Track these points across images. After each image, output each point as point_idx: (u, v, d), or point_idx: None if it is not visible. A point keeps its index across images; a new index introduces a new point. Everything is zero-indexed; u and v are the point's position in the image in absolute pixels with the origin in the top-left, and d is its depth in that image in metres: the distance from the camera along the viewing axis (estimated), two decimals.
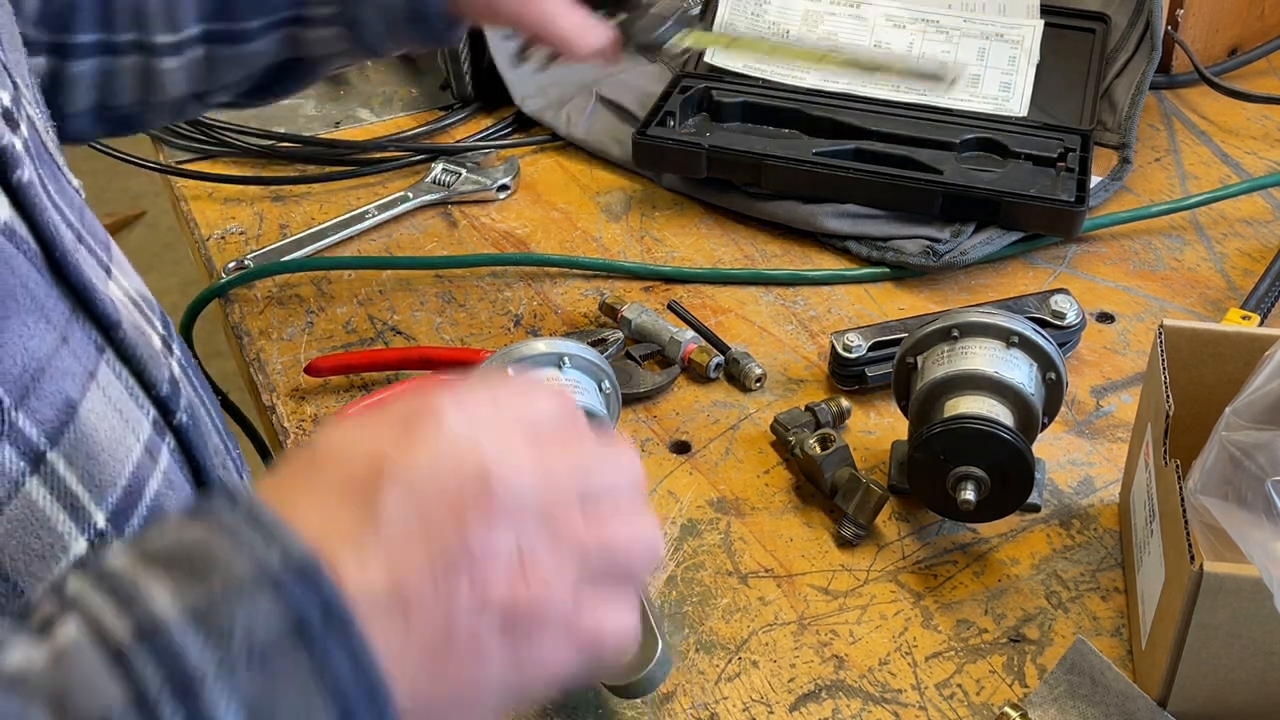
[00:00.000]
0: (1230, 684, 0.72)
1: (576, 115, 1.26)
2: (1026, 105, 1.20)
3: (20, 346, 0.53)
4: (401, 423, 0.46)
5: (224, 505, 0.44)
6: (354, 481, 0.44)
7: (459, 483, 0.44)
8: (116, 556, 0.42)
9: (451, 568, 0.43)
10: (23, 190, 0.56)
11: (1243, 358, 0.78)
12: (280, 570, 0.41)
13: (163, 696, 0.39)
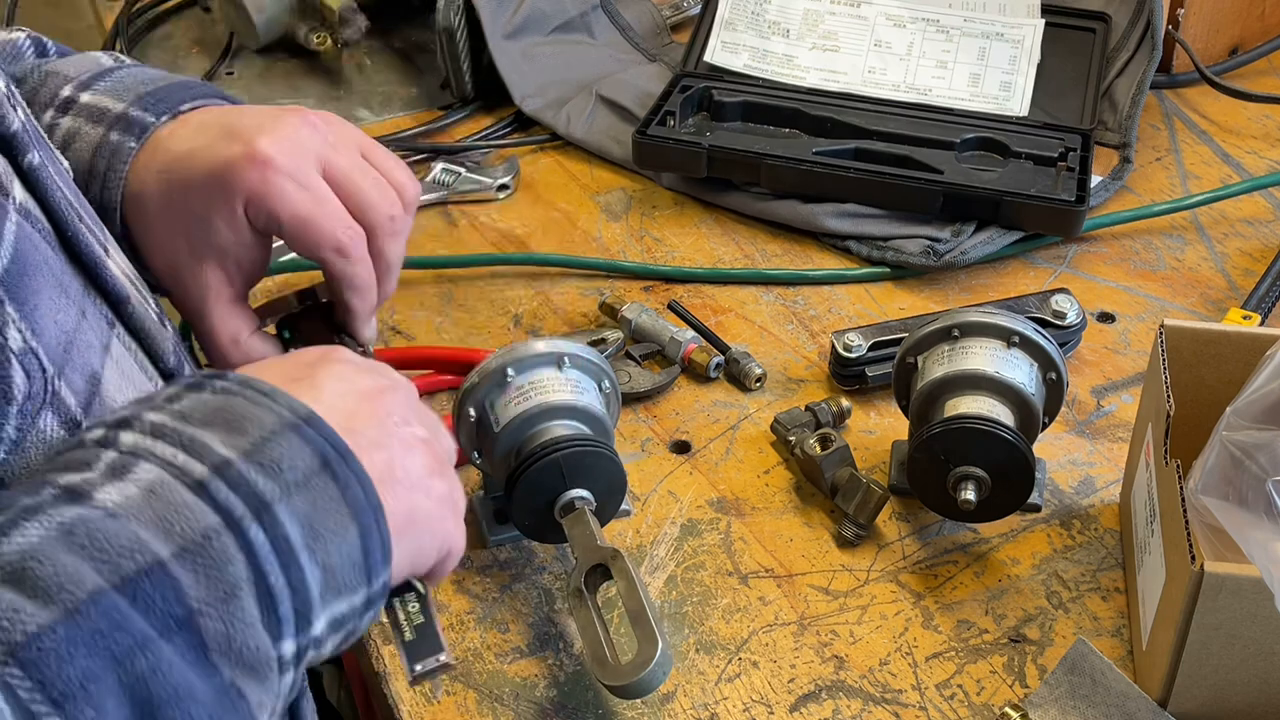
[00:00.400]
0: (1231, 684, 0.72)
1: (576, 115, 1.26)
2: (1027, 105, 1.20)
3: (52, 319, 0.55)
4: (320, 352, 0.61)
5: (217, 378, 0.54)
6: (294, 376, 0.58)
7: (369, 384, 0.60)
8: (154, 415, 0.52)
9: (381, 429, 0.58)
10: (34, 173, 0.58)
11: (1243, 358, 0.78)
12: (294, 420, 0.53)
13: (246, 517, 0.49)
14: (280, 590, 0.50)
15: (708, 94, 1.21)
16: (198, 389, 0.54)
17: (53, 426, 0.55)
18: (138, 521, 0.48)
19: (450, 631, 0.82)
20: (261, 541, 0.49)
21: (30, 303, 0.54)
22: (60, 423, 0.55)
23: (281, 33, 1.38)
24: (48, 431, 0.54)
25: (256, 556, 0.49)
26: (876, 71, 1.24)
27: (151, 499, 0.48)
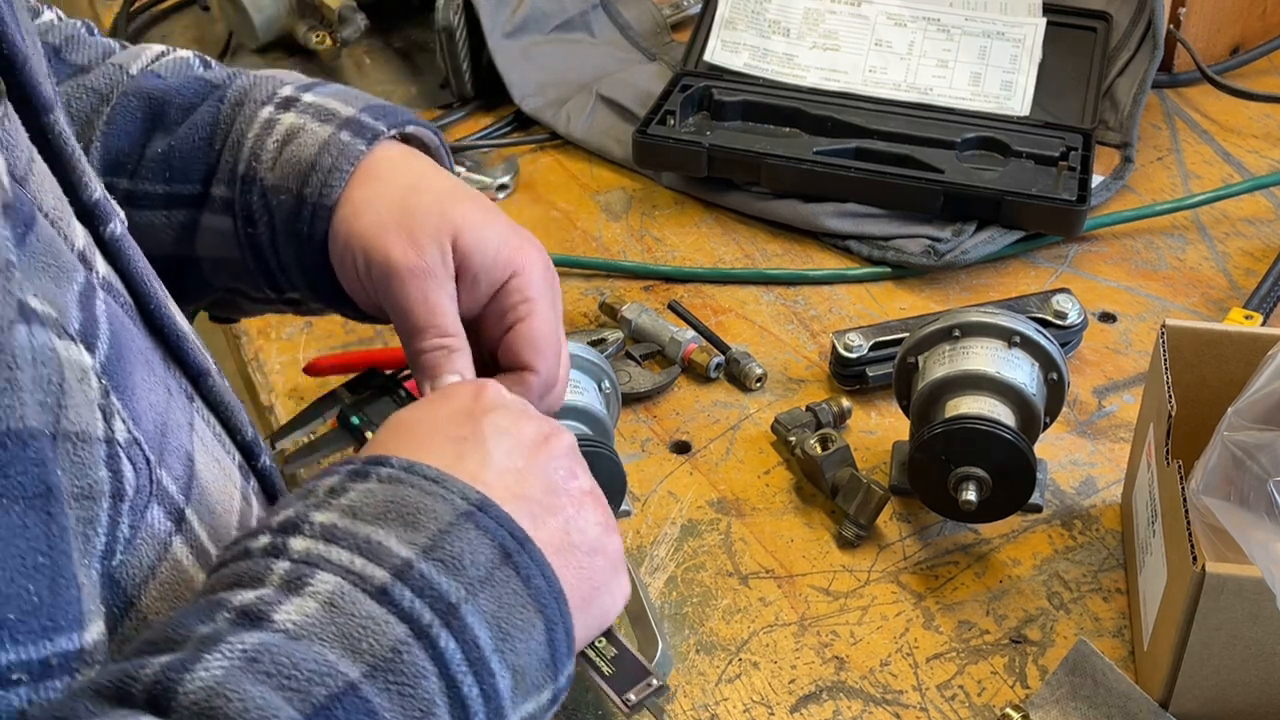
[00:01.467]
0: (1232, 685, 0.72)
1: (576, 114, 1.25)
2: (1028, 104, 1.20)
3: (148, 401, 0.52)
4: (470, 394, 0.58)
5: (379, 463, 0.52)
6: (459, 434, 0.55)
7: (531, 432, 0.57)
8: (322, 515, 0.49)
9: (550, 492, 0.55)
10: (115, 244, 0.55)
11: (1245, 358, 0.77)
12: (468, 509, 0.51)
13: (435, 624, 0.47)
14: (474, 701, 0.47)
15: (708, 93, 1.21)
16: (362, 478, 0.51)
17: (159, 519, 0.51)
18: (323, 641, 0.45)
19: None
20: (452, 650, 0.47)
21: (127, 388, 0.50)
22: (166, 514, 0.52)
23: (280, 32, 1.38)
24: (156, 526, 0.51)
25: (448, 667, 0.47)
26: (877, 71, 1.24)
27: (334, 613, 0.46)
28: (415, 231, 0.66)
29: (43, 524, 0.41)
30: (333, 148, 0.69)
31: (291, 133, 0.70)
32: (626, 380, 0.97)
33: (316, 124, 0.70)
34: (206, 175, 0.71)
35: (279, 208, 0.69)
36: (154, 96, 0.72)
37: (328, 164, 0.68)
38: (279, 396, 0.99)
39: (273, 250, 0.71)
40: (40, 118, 0.51)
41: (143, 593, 0.50)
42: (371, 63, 1.39)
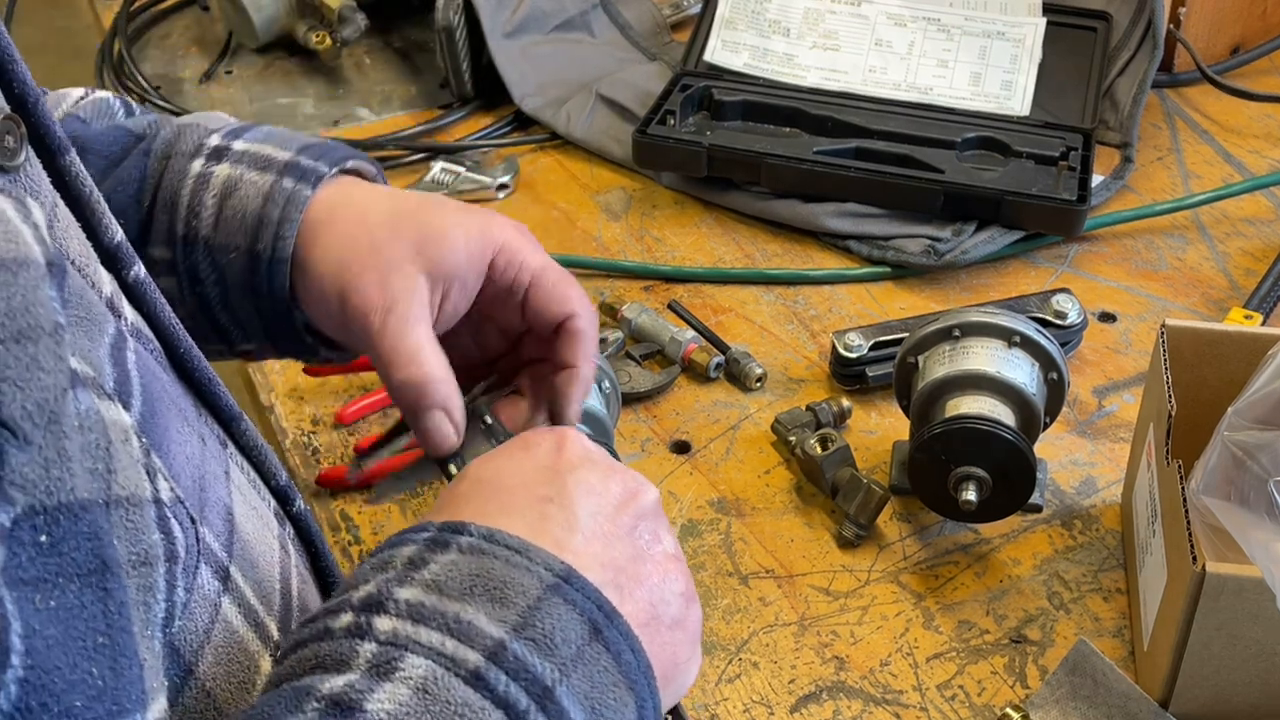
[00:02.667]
0: (1232, 685, 0.72)
1: (576, 114, 1.25)
2: (1028, 104, 1.20)
3: (184, 455, 0.50)
4: (553, 445, 0.55)
5: (458, 530, 0.49)
6: (544, 494, 0.53)
7: (619, 489, 0.54)
8: (406, 591, 0.46)
9: (636, 558, 0.53)
10: (140, 288, 0.53)
11: (1245, 358, 0.77)
12: (555, 581, 0.48)
13: (531, 709, 0.44)
14: None
15: (708, 93, 1.21)
16: (442, 548, 0.49)
17: (208, 580, 0.49)
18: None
19: None
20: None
21: (164, 444, 0.48)
22: (213, 573, 0.49)
23: (280, 32, 1.38)
24: (206, 587, 0.48)
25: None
26: (877, 70, 1.24)
27: (428, 701, 0.43)
28: (378, 268, 0.64)
29: (100, 601, 0.39)
30: (278, 197, 0.65)
31: (229, 186, 0.66)
32: (626, 380, 0.97)
33: (255, 173, 0.67)
34: (140, 234, 0.68)
35: (229, 265, 0.66)
36: (76, 144, 0.69)
37: (275, 215, 0.65)
38: (279, 396, 0.99)
39: (224, 307, 0.68)
40: (57, 160, 0.49)
41: (200, 659, 0.48)
42: (371, 63, 1.39)
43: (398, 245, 0.64)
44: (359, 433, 0.96)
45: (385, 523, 0.89)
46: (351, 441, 0.95)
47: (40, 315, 0.37)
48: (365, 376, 1.00)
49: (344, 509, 0.90)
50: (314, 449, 0.95)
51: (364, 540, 0.88)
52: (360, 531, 0.88)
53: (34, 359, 0.36)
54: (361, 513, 0.90)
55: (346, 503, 0.90)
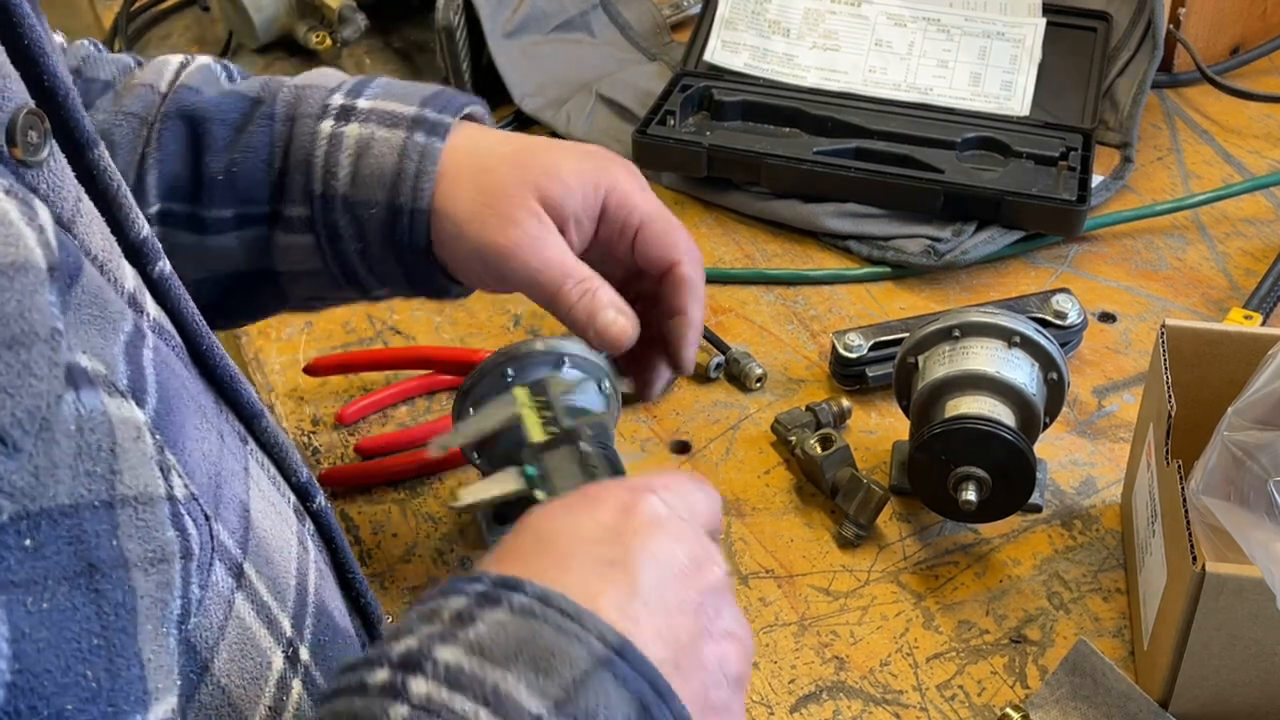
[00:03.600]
0: (1232, 685, 0.72)
1: (576, 114, 1.25)
2: (1028, 104, 1.20)
3: (200, 451, 0.49)
4: (621, 504, 0.52)
5: (513, 588, 0.47)
6: (607, 557, 0.50)
7: (685, 559, 0.51)
8: (447, 651, 0.44)
9: (698, 637, 0.50)
10: (165, 283, 0.53)
11: (1245, 358, 0.77)
12: (606, 654, 0.45)
13: None
14: None
15: (708, 93, 1.21)
16: (492, 604, 0.46)
17: (222, 578, 0.48)
18: None
19: None
20: None
21: (179, 440, 0.47)
22: (227, 570, 0.49)
23: (281, 32, 1.38)
24: (220, 584, 0.48)
25: None
26: (877, 71, 1.24)
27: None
28: (507, 209, 0.69)
29: (92, 604, 0.39)
30: (412, 152, 0.70)
31: (363, 144, 0.71)
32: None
33: (385, 130, 0.71)
34: (273, 194, 0.72)
35: (370, 220, 0.71)
36: (195, 116, 0.72)
37: (412, 170, 0.70)
38: (279, 396, 0.99)
39: (362, 259, 0.72)
40: (85, 155, 0.48)
41: (215, 655, 0.48)
42: (371, 63, 1.39)
43: (523, 190, 0.70)
44: (359, 433, 0.96)
45: (385, 522, 0.89)
46: (352, 442, 0.95)
47: (35, 321, 0.36)
48: (365, 377, 1.00)
49: (344, 509, 0.90)
50: (314, 449, 0.95)
51: (364, 540, 0.88)
52: (360, 531, 0.88)
53: (26, 366, 0.36)
54: (361, 513, 0.90)
55: (346, 503, 0.90)
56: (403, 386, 0.98)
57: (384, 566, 0.86)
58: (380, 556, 0.87)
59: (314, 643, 0.56)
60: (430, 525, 0.89)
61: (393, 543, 0.88)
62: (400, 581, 0.85)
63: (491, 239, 0.69)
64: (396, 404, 0.98)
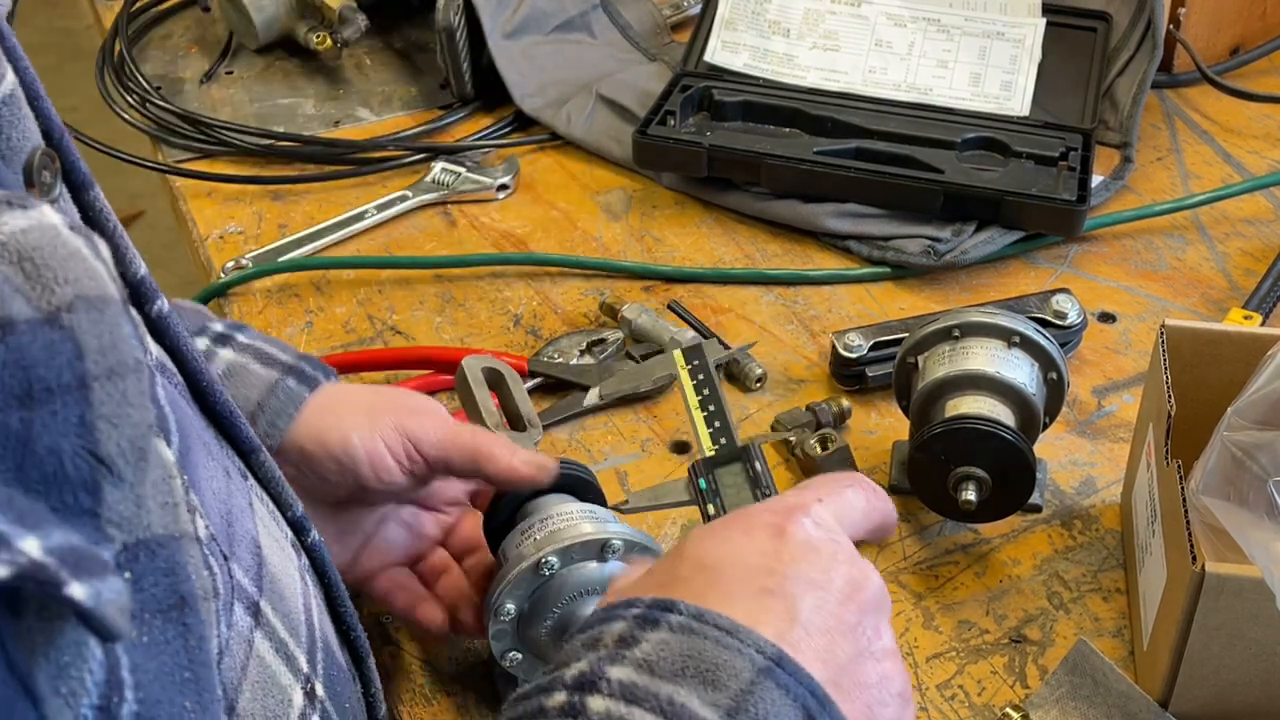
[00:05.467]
0: (1232, 685, 0.72)
1: (576, 114, 1.25)
2: (1028, 104, 1.20)
3: (211, 490, 0.50)
4: (773, 530, 0.53)
5: (668, 609, 0.48)
6: (765, 586, 0.50)
7: (841, 581, 0.52)
8: (618, 670, 0.46)
9: (858, 657, 0.51)
10: (163, 321, 0.53)
11: (1245, 358, 0.77)
12: (767, 664, 0.47)
13: None
14: None
15: (708, 93, 1.21)
16: (652, 626, 0.48)
17: (241, 617, 0.49)
18: None
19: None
20: None
21: (196, 479, 0.48)
22: (245, 609, 0.49)
23: (281, 32, 1.38)
24: (240, 624, 0.49)
25: None
26: (877, 71, 1.24)
27: None
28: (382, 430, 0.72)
29: (181, 637, 0.39)
30: (280, 392, 0.71)
31: (233, 371, 0.72)
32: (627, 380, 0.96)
33: (259, 366, 0.72)
34: None
35: None
36: None
37: (274, 406, 0.71)
38: None
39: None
40: (83, 195, 0.48)
41: (239, 695, 0.48)
42: (371, 63, 1.39)
43: (387, 415, 0.72)
44: None
45: None
46: None
47: (125, 352, 0.37)
48: (365, 377, 1.00)
49: None
50: None
51: None
52: None
53: (124, 395, 0.36)
54: None
55: None
56: (403, 386, 0.98)
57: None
58: None
59: (325, 678, 0.56)
60: None
61: None
62: None
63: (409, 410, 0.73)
64: None
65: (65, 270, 0.36)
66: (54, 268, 0.35)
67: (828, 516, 0.54)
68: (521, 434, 0.83)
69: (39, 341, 0.34)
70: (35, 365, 0.34)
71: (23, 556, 0.28)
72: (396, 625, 0.82)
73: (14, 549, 0.28)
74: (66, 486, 0.34)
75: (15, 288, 0.34)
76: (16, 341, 0.34)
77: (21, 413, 0.33)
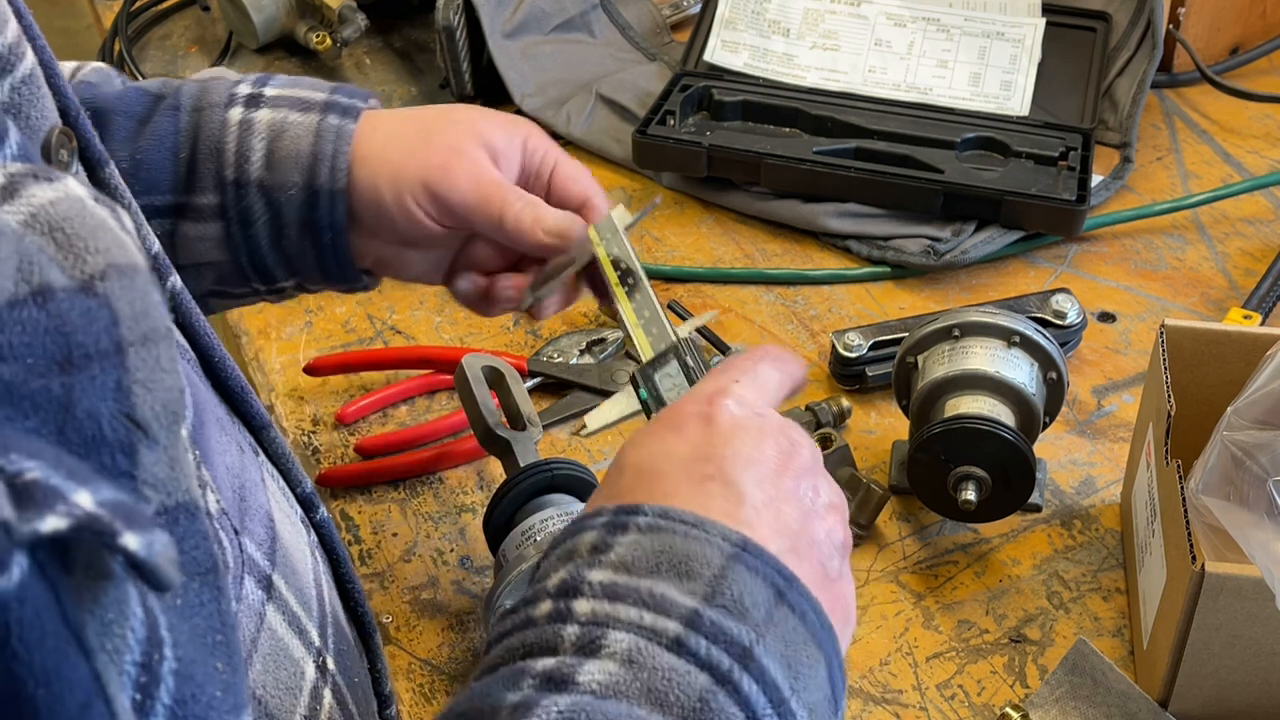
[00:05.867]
0: (1232, 685, 0.72)
1: (576, 114, 1.25)
2: (1028, 104, 1.20)
3: (224, 465, 0.50)
4: (700, 419, 0.54)
5: (631, 512, 0.50)
6: (704, 473, 0.52)
7: (774, 452, 0.54)
8: (597, 573, 0.48)
9: (804, 518, 0.53)
10: (176, 298, 0.53)
11: (1244, 357, 0.77)
12: (734, 550, 0.49)
13: (734, 669, 0.46)
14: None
15: (708, 93, 1.21)
16: (621, 530, 0.50)
17: (252, 590, 0.50)
18: (630, 699, 0.44)
19: (451, 631, 0.82)
20: (755, 693, 0.46)
21: (208, 455, 0.48)
22: (256, 583, 0.50)
23: (281, 32, 1.38)
24: (251, 597, 0.49)
25: (754, 711, 0.45)
26: (877, 71, 1.24)
27: (635, 670, 0.45)
28: (450, 140, 0.71)
29: (215, 600, 0.40)
30: (327, 134, 0.71)
31: (276, 129, 0.71)
32: (626, 380, 0.96)
33: (298, 114, 0.71)
34: (180, 184, 0.71)
35: (287, 203, 0.71)
36: (95, 109, 0.71)
37: (329, 150, 0.70)
38: (279, 397, 0.99)
39: (274, 245, 0.72)
40: (98, 172, 0.49)
41: (249, 669, 0.48)
42: (371, 63, 1.39)
43: (453, 128, 0.72)
44: (359, 432, 0.96)
45: (385, 522, 0.89)
46: (352, 442, 0.95)
47: (156, 318, 0.37)
48: (365, 376, 1.00)
49: (344, 508, 0.90)
50: (314, 449, 0.95)
51: (364, 540, 0.88)
52: (360, 531, 0.88)
53: (157, 360, 0.37)
54: (361, 512, 0.90)
55: (346, 503, 0.90)
56: (403, 386, 0.98)
57: (384, 566, 0.86)
58: (380, 556, 0.87)
59: (335, 652, 0.57)
60: (430, 525, 0.89)
61: (393, 543, 0.88)
62: (400, 581, 0.85)
63: (438, 163, 0.71)
64: (396, 404, 0.98)
65: (95, 240, 0.36)
66: (84, 237, 0.36)
67: (748, 394, 0.56)
68: (521, 433, 0.83)
69: (77, 308, 0.35)
70: (74, 332, 0.35)
71: (79, 509, 0.29)
72: (397, 625, 0.82)
73: (70, 502, 0.29)
74: (105, 449, 0.35)
75: (50, 257, 0.35)
76: (56, 308, 0.34)
77: (62, 378, 0.34)
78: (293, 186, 0.70)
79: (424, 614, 0.83)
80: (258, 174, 0.70)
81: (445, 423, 0.95)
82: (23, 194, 0.36)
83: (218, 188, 0.71)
